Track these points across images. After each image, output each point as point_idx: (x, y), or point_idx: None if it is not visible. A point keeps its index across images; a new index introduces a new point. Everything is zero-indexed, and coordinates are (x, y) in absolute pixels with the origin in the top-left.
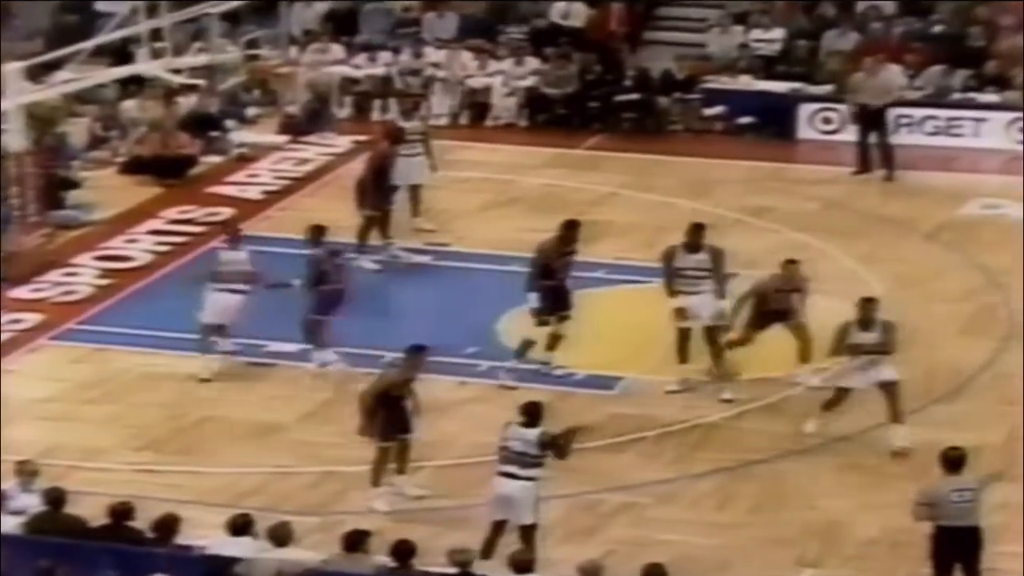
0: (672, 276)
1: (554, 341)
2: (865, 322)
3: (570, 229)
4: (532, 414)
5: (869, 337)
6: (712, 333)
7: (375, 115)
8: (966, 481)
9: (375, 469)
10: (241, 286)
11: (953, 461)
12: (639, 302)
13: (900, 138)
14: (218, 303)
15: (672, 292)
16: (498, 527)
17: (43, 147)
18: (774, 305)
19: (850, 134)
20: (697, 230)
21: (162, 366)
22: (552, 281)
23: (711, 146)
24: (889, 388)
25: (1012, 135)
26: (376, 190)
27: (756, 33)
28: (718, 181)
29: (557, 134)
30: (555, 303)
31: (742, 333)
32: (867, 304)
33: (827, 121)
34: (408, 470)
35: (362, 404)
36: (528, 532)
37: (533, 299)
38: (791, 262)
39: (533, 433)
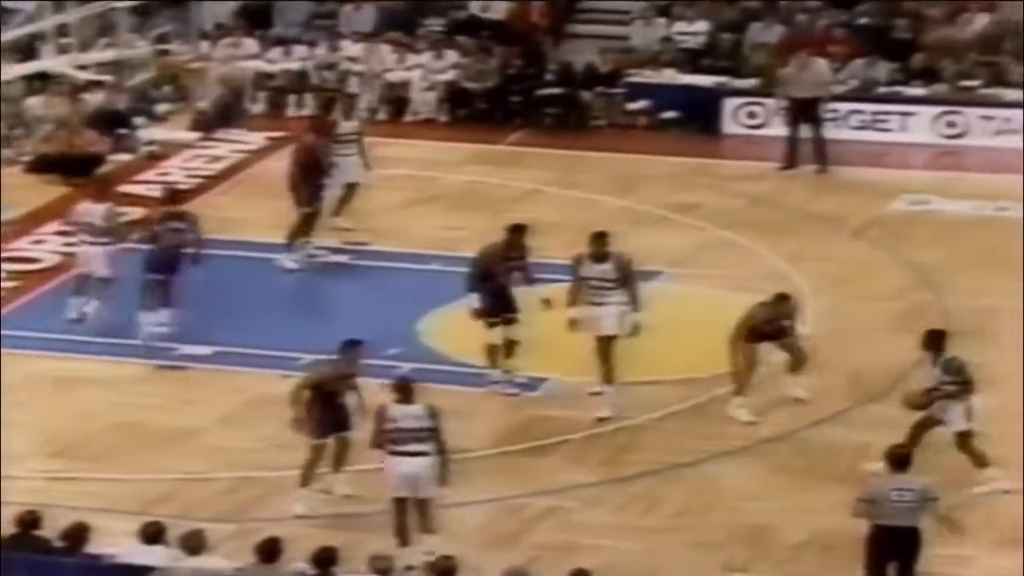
0: (578, 285)
1: (509, 348)
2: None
3: (515, 234)
4: (405, 391)
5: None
6: (606, 343)
7: (290, 111)
8: (909, 481)
9: (306, 469)
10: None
11: (898, 459)
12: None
13: (826, 132)
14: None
15: (572, 302)
16: (402, 505)
17: None
18: (767, 330)
19: (777, 129)
20: (599, 239)
21: (73, 370)
22: (491, 284)
23: (635, 141)
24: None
25: (939, 129)
26: (308, 186)
27: (680, 26)
28: (643, 177)
29: (478, 129)
30: (497, 305)
31: (742, 365)
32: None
33: (753, 116)
34: (344, 470)
35: (293, 399)
36: (429, 504)
37: (474, 300)
38: (783, 297)
39: (418, 408)
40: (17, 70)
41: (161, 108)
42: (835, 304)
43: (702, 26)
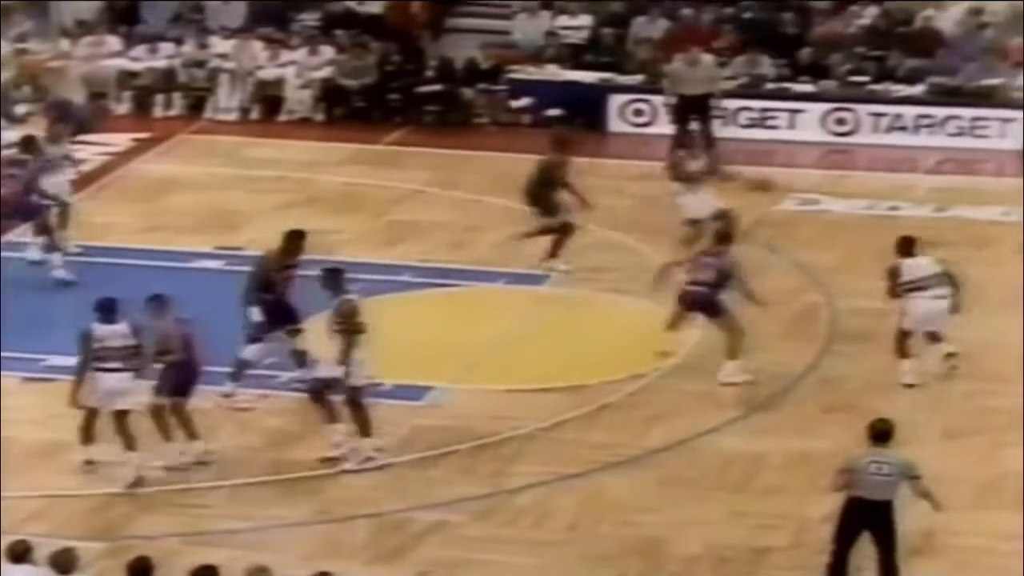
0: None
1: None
2: None
3: (293, 240)
4: (107, 308)
5: None
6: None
7: (157, 111)
8: (888, 455)
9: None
10: None
11: (879, 433)
12: (447, 306)
13: (715, 130)
14: None
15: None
16: (122, 416)
17: None
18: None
19: (664, 126)
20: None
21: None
22: (271, 295)
23: (519, 140)
24: None
25: (829, 126)
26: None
27: (563, 20)
28: (527, 176)
29: (356, 128)
30: (278, 317)
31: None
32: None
33: (639, 113)
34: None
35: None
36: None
37: (253, 313)
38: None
39: (121, 328)
40: None
41: (20, 109)
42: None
43: (585, 20)
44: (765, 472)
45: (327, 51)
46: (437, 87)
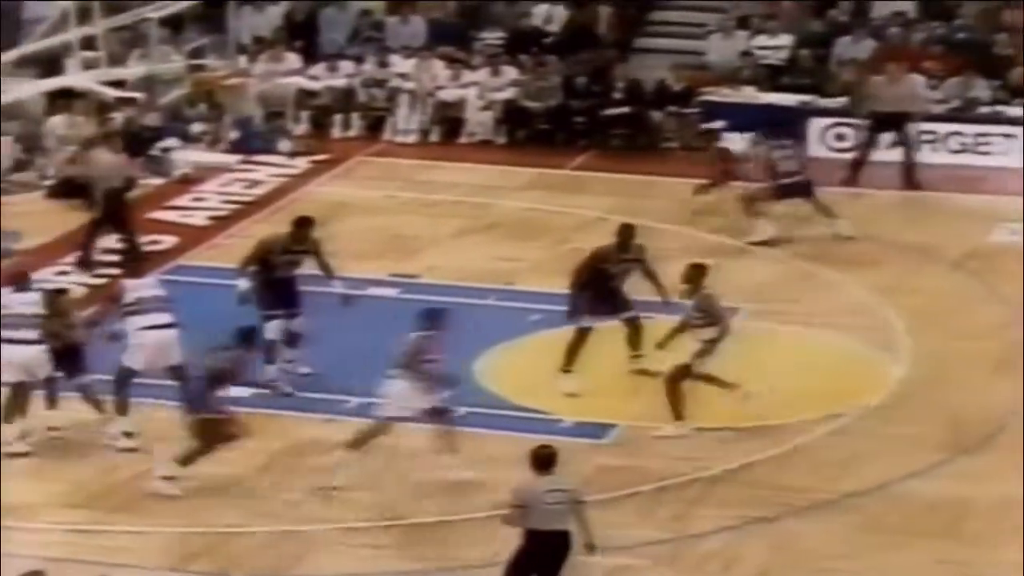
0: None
1: (292, 340)
2: None
3: (300, 227)
4: (21, 278)
5: None
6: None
7: (335, 131)
8: (560, 481)
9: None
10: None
11: (543, 460)
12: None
13: (922, 156)
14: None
15: None
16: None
17: None
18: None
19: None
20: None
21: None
22: (270, 274)
23: (710, 166)
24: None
25: None
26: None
27: (760, 39)
28: (718, 204)
29: (538, 152)
30: (276, 298)
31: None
32: None
33: (840, 137)
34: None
35: None
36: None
37: (242, 283)
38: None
39: (30, 296)
40: (39, 86)
41: (195, 128)
42: (929, 343)
43: (785, 40)
44: (972, 518)
45: (510, 72)
46: (624, 109)
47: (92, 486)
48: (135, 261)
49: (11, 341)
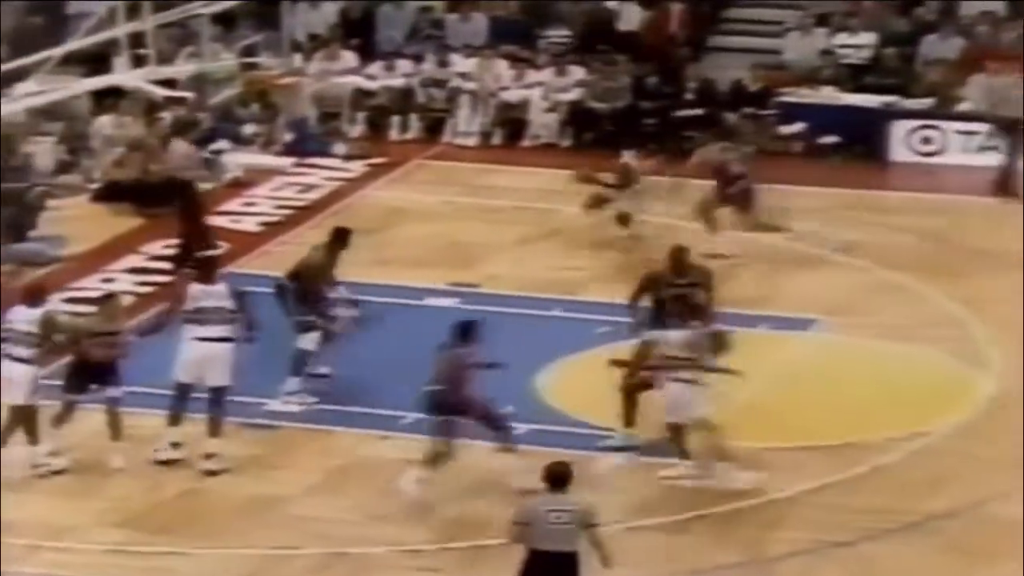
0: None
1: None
2: None
3: (338, 239)
4: (34, 294)
5: None
6: None
7: (393, 133)
8: (567, 501)
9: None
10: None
11: (555, 477)
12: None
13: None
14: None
15: None
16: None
17: (3, 171)
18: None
19: (954, 156)
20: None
21: (142, 428)
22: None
23: (788, 170)
24: None
25: None
26: None
27: (842, 38)
28: (797, 210)
29: (606, 156)
30: (313, 311)
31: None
32: None
33: (926, 141)
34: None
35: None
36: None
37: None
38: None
39: (30, 313)
40: (85, 84)
41: (247, 129)
42: (1018, 357)
43: (867, 38)
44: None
45: (576, 71)
46: (697, 111)
47: (134, 504)
48: (207, 266)
49: (10, 358)
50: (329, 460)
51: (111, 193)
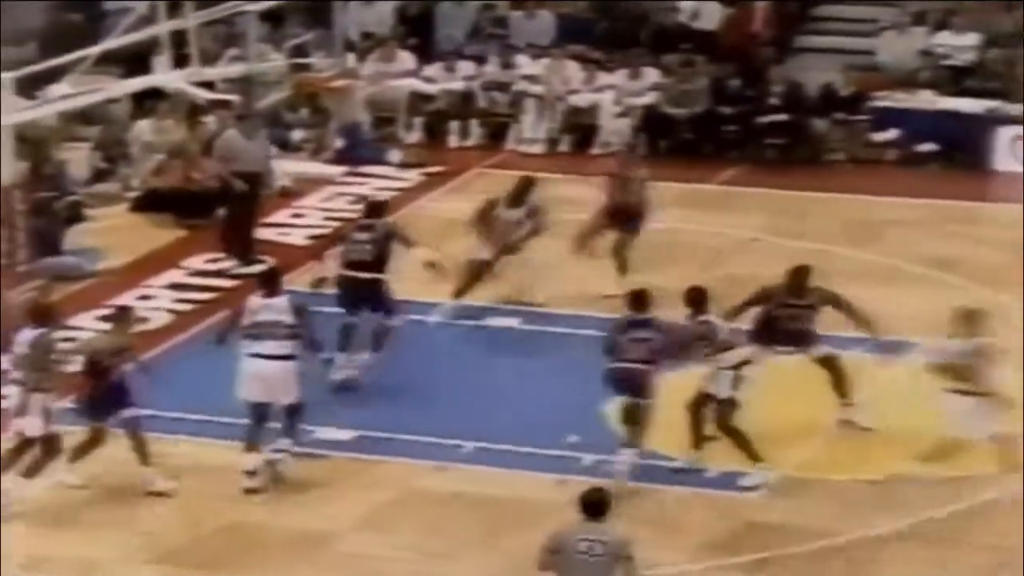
0: None
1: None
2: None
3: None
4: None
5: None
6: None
7: (452, 140)
8: (601, 531)
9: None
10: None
11: (590, 505)
12: (789, 377)
13: None
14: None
15: None
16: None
17: (36, 178)
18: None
19: None
20: None
21: (181, 456)
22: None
23: (881, 180)
24: None
25: None
26: None
27: (941, 38)
28: (890, 224)
29: (682, 165)
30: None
31: None
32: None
33: None
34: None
35: None
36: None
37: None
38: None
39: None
40: (124, 86)
41: (296, 135)
42: None
43: (970, 39)
44: None
45: (651, 73)
46: (782, 116)
47: (170, 539)
48: (270, 276)
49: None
50: (380, 492)
51: (150, 203)
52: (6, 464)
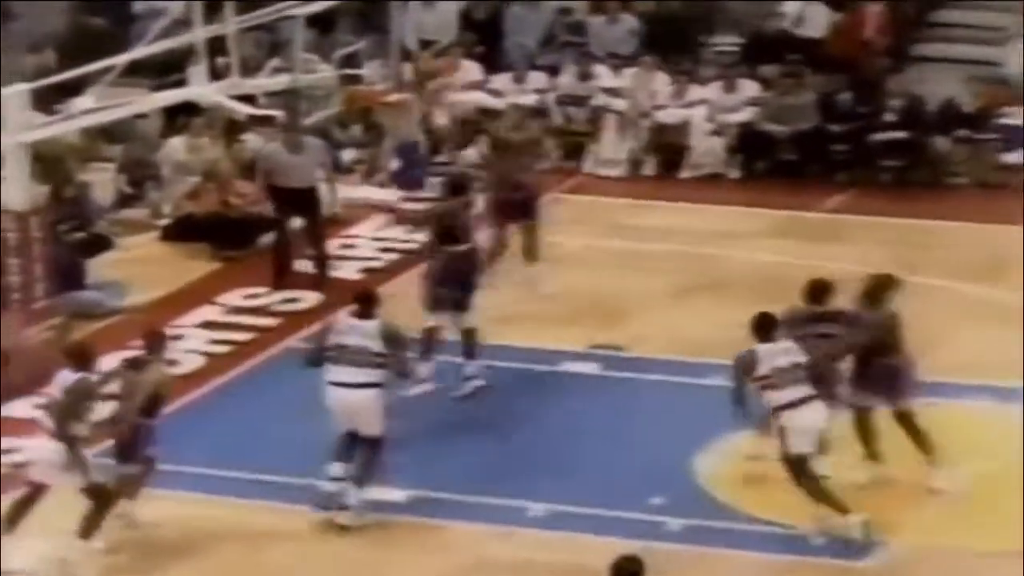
0: None
1: None
2: None
3: None
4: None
5: None
6: None
7: None
8: None
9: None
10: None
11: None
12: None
13: None
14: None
15: None
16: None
17: (55, 203)
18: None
19: None
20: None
21: (215, 518)
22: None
23: (1010, 206)
24: None
25: None
26: None
27: None
28: (1020, 257)
29: (784, 189)
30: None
31: None
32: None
33: None
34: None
35: None
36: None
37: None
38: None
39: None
40: (154, 99)
41: (348, 155)
42: None
43: None
44: None
45: (748, 86)
46: (899, 135)
47: None
48: (366, 296)
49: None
50: (443, 559)
51: (182, 231)
52: (11, 519)
